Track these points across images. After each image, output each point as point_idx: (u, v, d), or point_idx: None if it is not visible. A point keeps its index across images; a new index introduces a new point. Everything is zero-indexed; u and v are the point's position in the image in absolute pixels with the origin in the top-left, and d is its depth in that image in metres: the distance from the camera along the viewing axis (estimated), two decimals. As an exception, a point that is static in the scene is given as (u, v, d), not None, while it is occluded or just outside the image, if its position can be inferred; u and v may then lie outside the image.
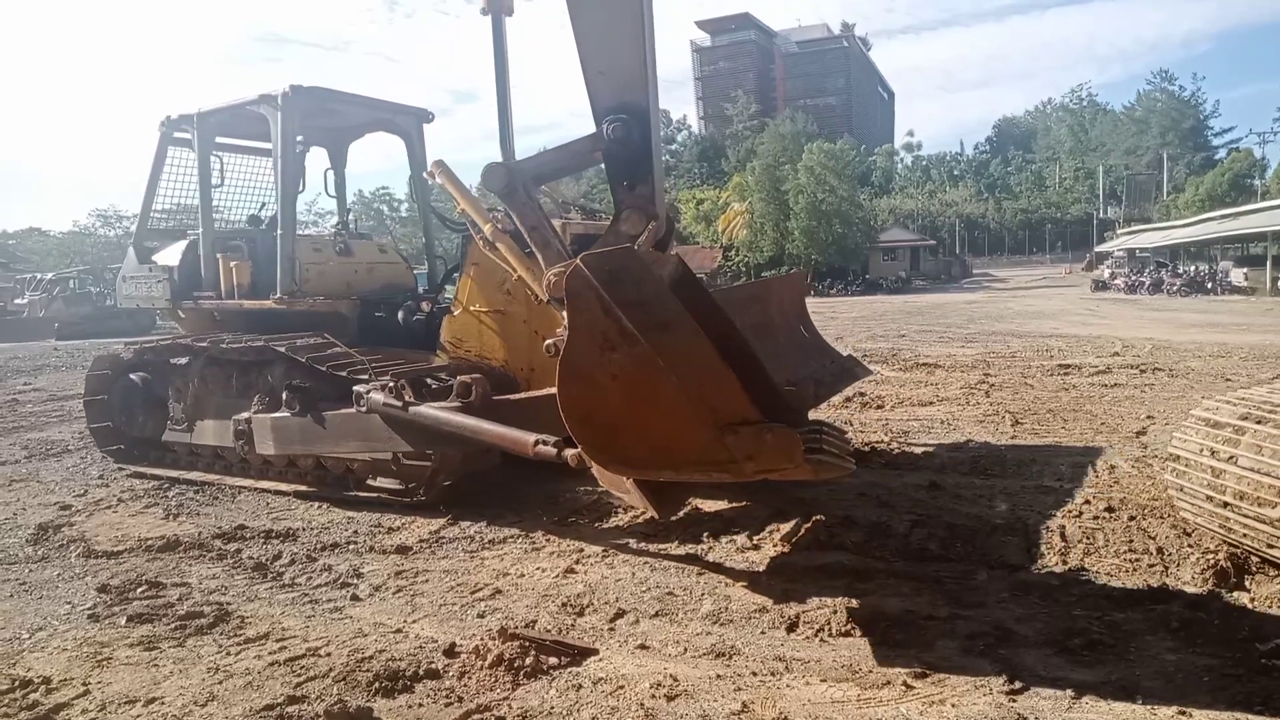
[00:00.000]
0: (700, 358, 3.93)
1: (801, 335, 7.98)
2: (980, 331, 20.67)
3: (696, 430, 3.96)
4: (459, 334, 7.37)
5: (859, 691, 3.61)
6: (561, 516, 6.37)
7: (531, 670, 3.87)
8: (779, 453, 3.87)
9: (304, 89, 8.10)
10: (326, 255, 8.82)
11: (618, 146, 5.12)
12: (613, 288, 3.96)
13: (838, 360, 8.15)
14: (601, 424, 4.21)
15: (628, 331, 3.93)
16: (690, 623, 4.39)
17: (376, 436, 6.43)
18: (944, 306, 32.00)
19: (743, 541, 5.59)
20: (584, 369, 4.11)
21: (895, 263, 58.28)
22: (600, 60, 5.07)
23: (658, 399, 3.99)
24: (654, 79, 5.15)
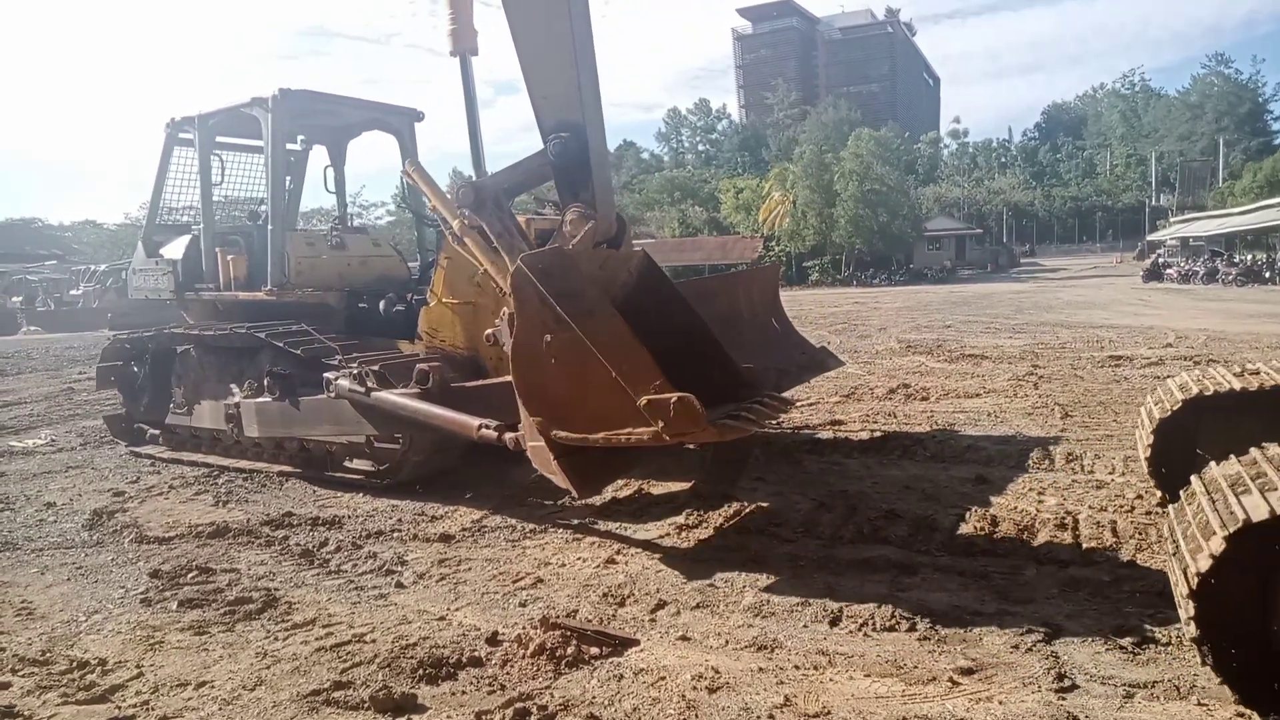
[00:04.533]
0: (620, 338, 4.69)
1: (772, 327, 8.21)
2: (1028, 322, 20.27)
3: (620, 400, 4.61)
4: (434, 324, 7.70)
5: (904, 687, 3.55)
6: (603, 507, 6.38)
7: (573, 660, 3.87)
8: (685, 418, 4.47)
9: (292, 92, 8.60)
10: (320, 249, 9.27)
11: (561, 160, 5.82)
12: (547, 282, 4.77)
13: (808, 351, 8.35)
14: (549, 399, 4.95)
15: (561, 318, 4.72)
16: (732, 615, 4.37)
17: (346, 420, 6.89)
18: (990, 296, 31.45)
19: (785, 534, 5.54)
20: (530, 353, 4.92)
21: (940, 252, 57.38)
22: (541, 86, 5.76)
23: (589, 375, 4.72)
24: (593, 97, 5.80)
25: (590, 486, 5.49)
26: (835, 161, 53.32)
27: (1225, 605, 2.98)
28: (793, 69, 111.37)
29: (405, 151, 9.85)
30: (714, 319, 6.57)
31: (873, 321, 22.56)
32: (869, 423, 8.99)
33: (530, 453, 5.23)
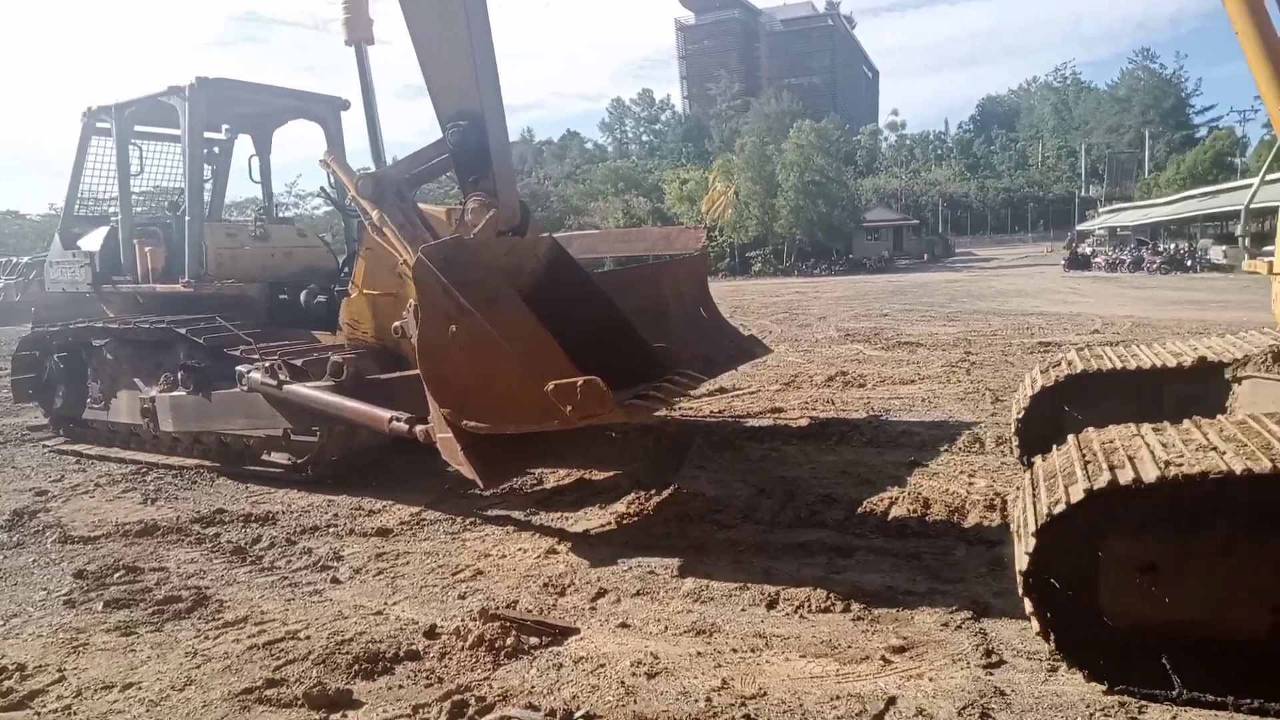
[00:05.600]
0: (524, 325, 4.73)
1: (699, 315, 8.30)
2: (962, 310, 20.76)
3: (527, 386, 4.64)
4: (355, 315, 7.63)
5: (838, 666, 3.63)
6: (544, 497, 6.37)
7: (513, 650, 3.87)
8: (592, 401, 4.53)
9: (210, 80, 8.44)
10: (241, 240, 9.10)
11: (459, 149, 5.88)
12: (449, 271, 4.76)
13: (736, 340, 8.45)
14: (457, 390, 4.95)
15: (464, 308, 4.71)
16: (671, 601, 4.40)
17: (260, 414, 6.88)
18: (926, 285, 32.12)
19: (725, 521, 5.60)
20: (436, 344, 4.91)
21: (879, 242, 58.37)
22: (438, 77, 5.81)
23: (496, 363, 4.75)
24: (492, 87, 5.84)
25: (497, 476, 5.55)
26: (777, 153, 53.77)
27: (1056, 580, 3.20)
28: (735, 60, 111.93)
29: (331, 140, 9.69)
30: (640, 308, 6.69)
31: (813, 310, 22.86)
32: (808, 410, 9.12)
33: (439, 444, 5.24)
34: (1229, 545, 3.07)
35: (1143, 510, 3.11)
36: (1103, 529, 3.16)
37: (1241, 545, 3.06)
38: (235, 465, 7.49)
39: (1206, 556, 3.09)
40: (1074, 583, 3.22)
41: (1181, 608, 3.12)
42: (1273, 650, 3.09)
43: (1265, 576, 3.07)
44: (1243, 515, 3.04)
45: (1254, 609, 3.08)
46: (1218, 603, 3.10)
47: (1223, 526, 3.06)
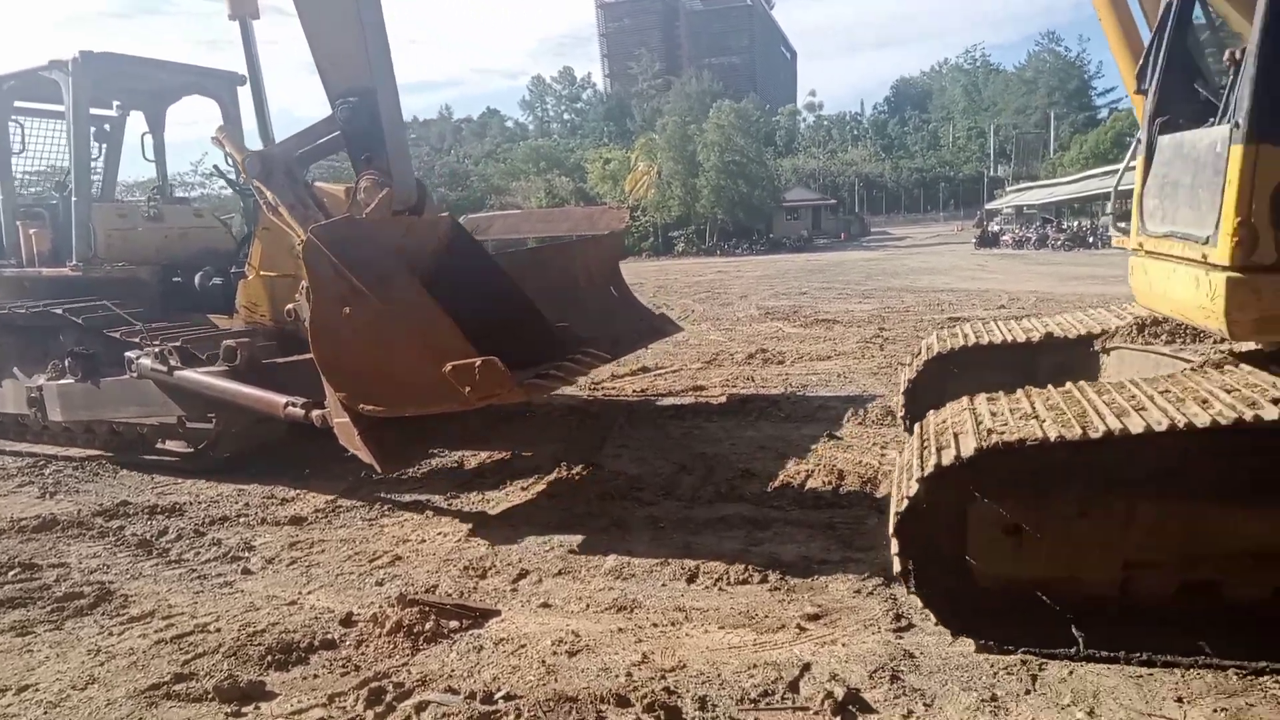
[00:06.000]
0: (420, 306, 4.68)
1: (610, 295, 8.38)
2: (877, 288, 21.28)
3: (425, 368, 4.62)
4: (253, 298, 7.45)
5: (755, 636, 3.71)
6: (465, 480, 6.31)
7: (432, 635, 3.84)
8: (491, 381, 4.55)
9: (94, 55, 8.07)
10: (133, 221, 8.77)
11: (350, 126, 5.77)
12: (340, 252, 4.68)
13: (647, 318, 8.57)
14: (353, 373, 4.89)
15: (358, 289, 4.65)
16: (593, 579, 4.43)
17: (152, 401, 6.67)
18: (843, 264, 32.80)
19: (647, 498, 5.65)
20: (329, 326, 4.84)
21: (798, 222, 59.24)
22: (326, 51, 5.69)
23: (392, 345, 4.73)
24: (384, 62, 5.74)
25: (396, 461, 5.50)
26: (698, 133, 53.95)
27: (927, 539, 3.41)
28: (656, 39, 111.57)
29: (228, 117, 9.30)
30: (551, 287, 6.69)
31: (734, 289, 23.11)
32: (729, 387, 9.25)
33: (336, 429, 5.17)
34: (1070, 507, 3.32)
35: (980, 479, 3.33)
36: (953, 500, 3.38)
37: (1084, 506, 3.31)
38: (129, 455, 7.21)
39: (1054, 519, 3.34)
40: (937, 549, 3.45)
41: (1037, 567, 3.37)
42: (1129, 605, 3.34)
43: (1104, 535, 3.32)
44: (1074, 478, 3.29)
45: (1104, 567, 3.34)
46: (1071, 562, 3.35)
47: (1059, 489, 3.31)
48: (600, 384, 9.68)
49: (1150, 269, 4.31)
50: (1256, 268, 3.31)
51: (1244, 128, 3.27)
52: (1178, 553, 3.32)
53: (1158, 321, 4.84)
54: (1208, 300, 3.48)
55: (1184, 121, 4.05)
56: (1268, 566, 3.26)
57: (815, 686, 3.25)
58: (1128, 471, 3.27)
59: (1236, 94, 3.38)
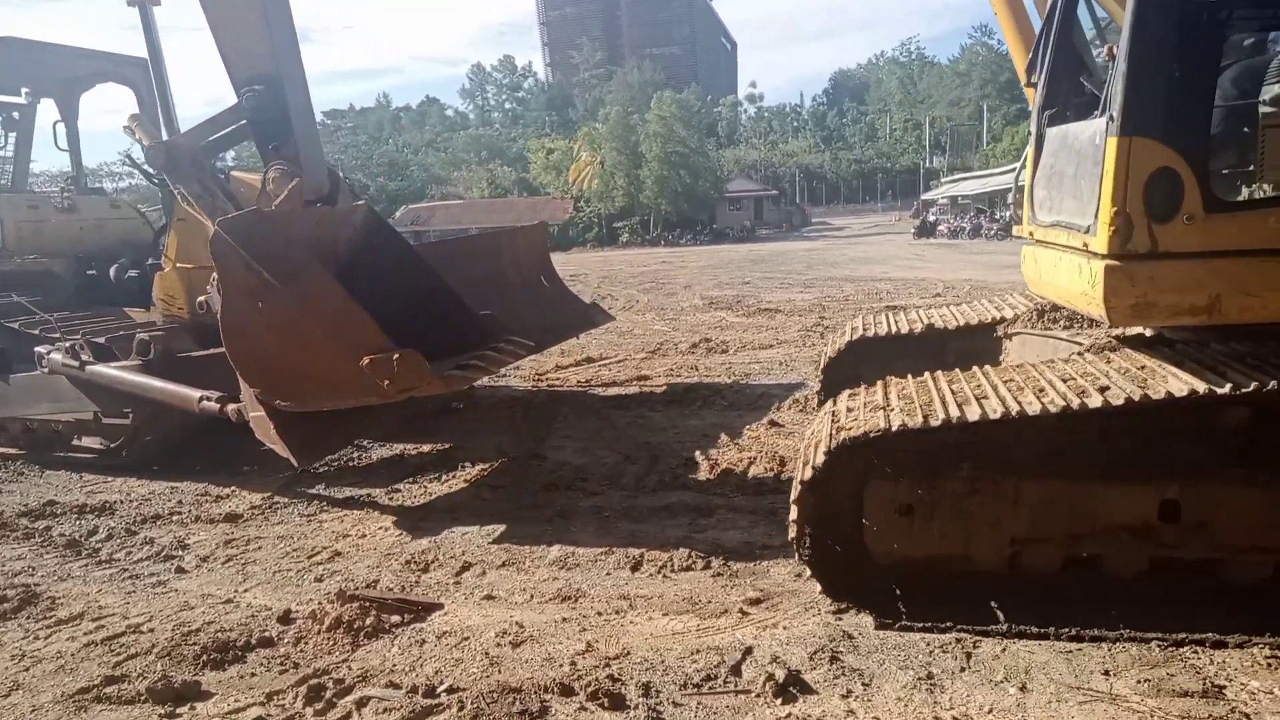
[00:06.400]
0: (334, 299, 4.66)
1: (541, 285, 8.40)
2: (817, 277, 21.56)
3: (341, 362, 4.60)
4: (170, 291, 7.30)
5: (699, 621, 3.75)
6: (407, 474, 6.22)
7: (373, 630, 3.79)
8: (409, 373, 4.56)
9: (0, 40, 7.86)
10: (45, 213, 8.53)
11: (256, 114, 5.70)
12: (250, 246, 4.62)
13: (578, 308, 8.62)
14: (267, 368, 4.84)
15: (269, 283, 4.60)
16: (537, 570, 4.42)
17: (65, 397, 6.53)
18: (785, 254, 33.14)
19: (591, 488, 5.65)
20: (241, 321, 4.78)
21: (741, 212, 59.63)
22: (229, 40, 5.61)
23: (307, 339, 4.69)
24: (290, 48, 5.69)
25: (313, 454, 5.48)
26: (641, 123, 53.92)
27: (826, 510, 3.57)
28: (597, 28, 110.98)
29: (143, 104, 8.97)
30: (478, 278, 6.68)
31: (679, 280, 23.19)
32: (673, 376, 9.29)
33: (252, 423, 5.11)
34: (945, 488, 3.51)
35: (853, 465, 3.53)
36: (833, 490, 3.58)
37: (929, 489, 3.53)
38: (44, 453, 6.96)
39: (940, 499, 3.53)
40: (831, 527, 3.62)
41: (922, 545, 3.58)
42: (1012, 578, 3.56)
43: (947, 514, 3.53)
44: (914, 464, 3.50)
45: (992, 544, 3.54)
46: (959, 541, 3.56)
47: (924, 473, 3.51)
48: (545, 375, 9.65)
49: (1040, 257, 4.45)
50: (1131, 256, 3.44)
51: (1118, 121, 3.39)
52: (1000, 532, 3.54)
53: (1056, 307, 5.03)
54: (1089, 287, 3.61)
55: (1071, 114, 4.19)
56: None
57: (757, 669, 3.30)
58: (966, 456, 3.48)
59: (1111, 88, 3.50)
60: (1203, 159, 3.37)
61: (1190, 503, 3.40)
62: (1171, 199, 3.37)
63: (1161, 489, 3.42)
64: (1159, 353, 3.79)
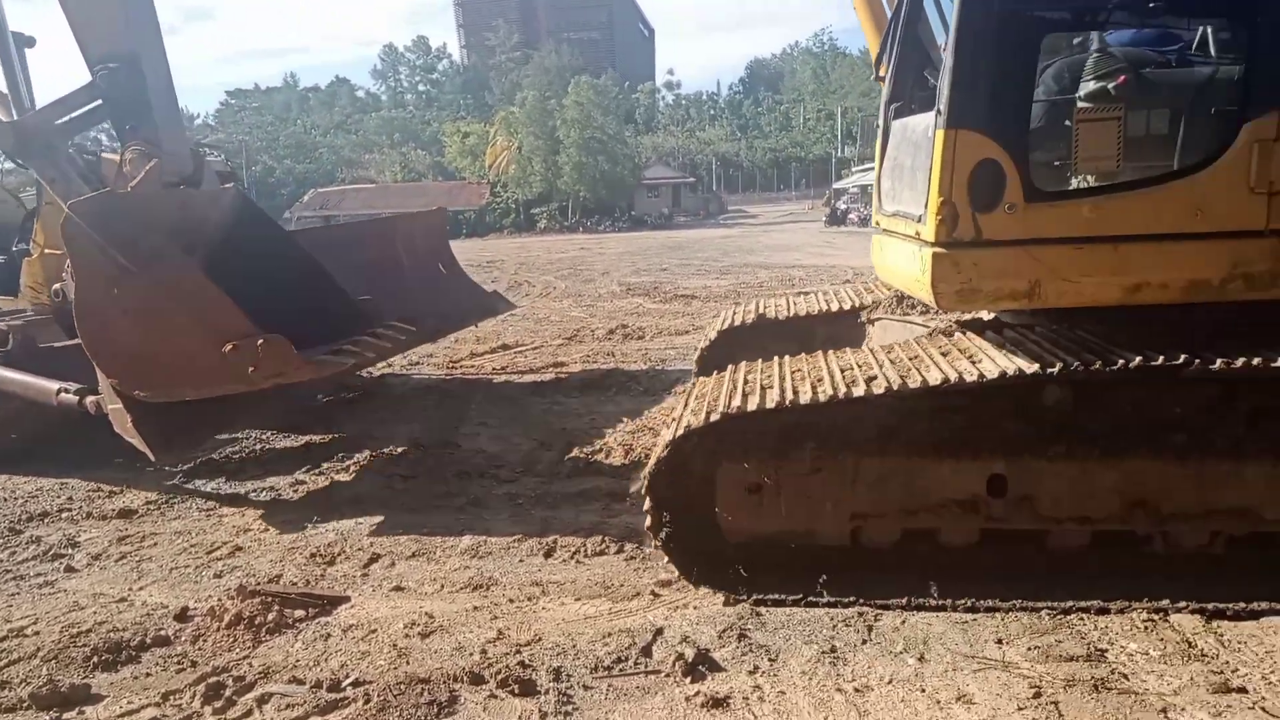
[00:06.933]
0: (195, 284, 4.56)
1: (438, 271, 8.32)
2: (734, 264, 21.82)
3: (203, 349, 4.50)
4: (36, 277, 6.97)
5: (610, 605, 3.78)
6: (313, 465, 6.05)
7: (275, 626, 3.69)
8: (275, 359, 4.50)
9: None
10: None
11: (112, 93, 5.53)
12: (104, 229, 4.46)
13: (477, 296, 8.57)
14: (124, 356, 4.68)
15: (125, 268, 4.46)
16: (448, 559, 4.37)
17: None
18: (702, 241, 33.43)
19: (505, 475, 5.61)
20: (96, 308, 4.60)
21: (659, 199, 59.82)
22: (79, 13, 5.41)
23: (165, 326, 4.57)
24: (148, 24, 5.54)
25: (176, 449, 5.31)
26: (558, 108, 53.46)
27: (679, 493, 3.70)
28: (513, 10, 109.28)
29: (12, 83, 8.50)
30: (367, 263, 6.61)
31: (597, 266, 23.15)
32: (589, 362, 9.29)
33: (110, 416, 4.92)
34: (795, 466, 3.69)
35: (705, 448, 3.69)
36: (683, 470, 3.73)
37: (814, 465, 3.69)
38: None
39: (788, 478, 3.71)
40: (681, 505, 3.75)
41: (773, 521, 3.75)
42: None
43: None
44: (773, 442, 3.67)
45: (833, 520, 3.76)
46: (805, 516, 3.76)
47: (772, 451, 3.68)
48: (459, 362, 9.52)
49: (885, 245, 4.62)
50: (957, 243, 3.61)
51: (944, 115, 3.55)
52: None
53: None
54: (920, 273, 3.76)
55: (915, 107, 4.34)
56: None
57: (667, 650, 3.34)
58: (809, 436, 3.66)
59: (939, 83, 3.66)
60: (1023, 151, 3.55)
61: (1015, 477, 3.63)
62: (994, 189, 3.53)
63: (988, 465, 3.64)
64: (989, 336, 4.01)
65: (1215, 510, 3.60)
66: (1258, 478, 3.55)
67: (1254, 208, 3.46)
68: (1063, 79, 3.88)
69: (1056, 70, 3.93)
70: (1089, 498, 3.63)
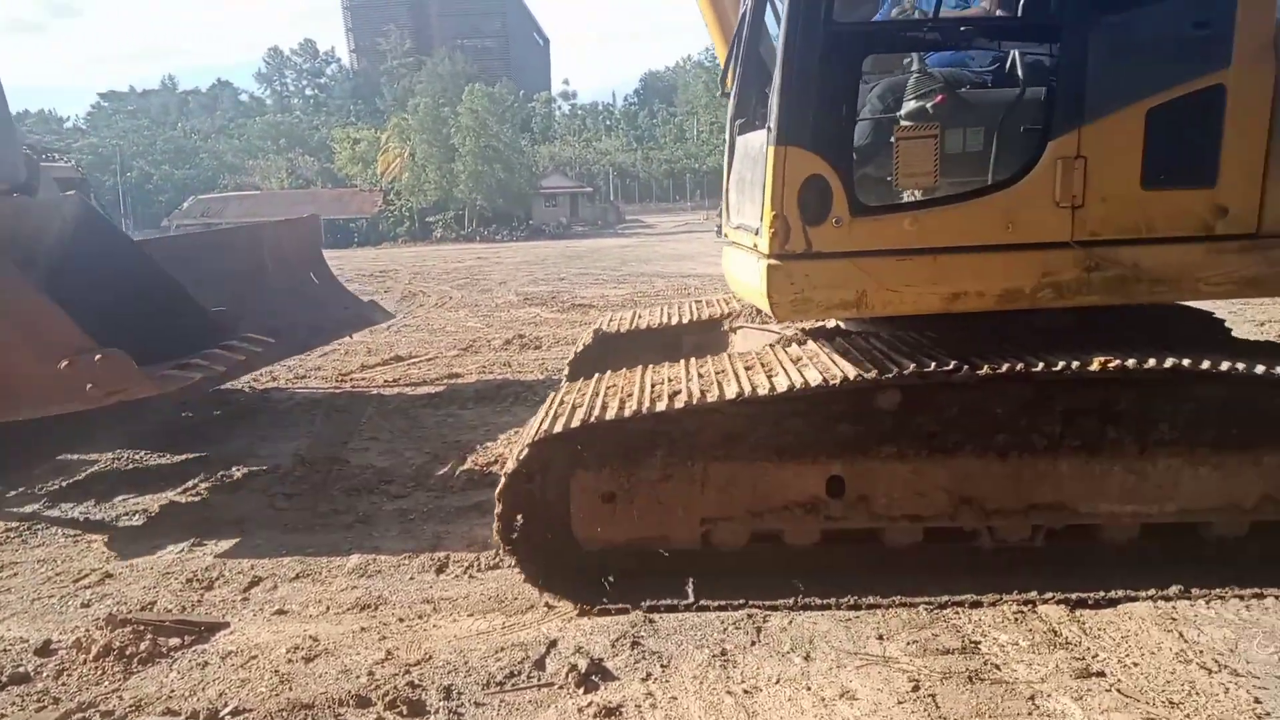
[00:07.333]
0: (25, 298, 4.34)
1: (310, 282, 8.17)
2: (631, 273, 21.98)
3: (36, 366, 4.31)
4: None
5: (504, 619, 3.74)
6: (191, 485, 5.77)
7: (148, 656, 3.50)
8: (114, 375, 4.35)
9: None
10: None
11: None
12: None
13: (352, 306, 8.44)
14: None
15: None
16: (334, 580, 4.24)
17: None
18: (600, 251, 33.52)
19: (396, 490, 5.49)
20: None
21: (557, 209, 59.65)
22: None
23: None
24: None
25: (12, 473, 5.08)
26: (453, 116, 52.66)
27: (532, 499, 3.78)
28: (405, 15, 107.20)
29: None
30: (230, 273, 6.40)
31: (494, 276, 22.91)
32: (485, 373, 9.19)
33: None
34: (645, 474, 3.79)
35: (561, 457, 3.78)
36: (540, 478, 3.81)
37: (666, 473, 3.80)
38: None
39: (641, 485, 3.81)
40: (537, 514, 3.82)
41: (630, 529, 3.83)
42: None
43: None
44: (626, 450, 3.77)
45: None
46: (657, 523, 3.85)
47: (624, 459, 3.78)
48: (349, 375, 9.25)
49: (732, 257, 4.79)
50: (789, 255, 3.77)
51: (774, 131, 3.72)
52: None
53: None
54: (758, 284, 3.91)
55: (758, 123, 4.47)
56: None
57: (560, 662, 3.34)
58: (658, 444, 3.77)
59: (769, 101, 3.83)
60: (848, 168, 3.73)
61: (852, 478, 3.83)
62: (822, 204, 3.70)
63: (827, 467, 3.82)
64: (831, 343, 4.22)
65: (1036, 505, 3.86)
66: (1072, 474, 3.82)
67: (1059, 220, 3.72)
68: (887, 98, 4.07)
69: (882, 90, 4.14)
70: (921, 496, 3.85)
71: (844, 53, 3.73)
